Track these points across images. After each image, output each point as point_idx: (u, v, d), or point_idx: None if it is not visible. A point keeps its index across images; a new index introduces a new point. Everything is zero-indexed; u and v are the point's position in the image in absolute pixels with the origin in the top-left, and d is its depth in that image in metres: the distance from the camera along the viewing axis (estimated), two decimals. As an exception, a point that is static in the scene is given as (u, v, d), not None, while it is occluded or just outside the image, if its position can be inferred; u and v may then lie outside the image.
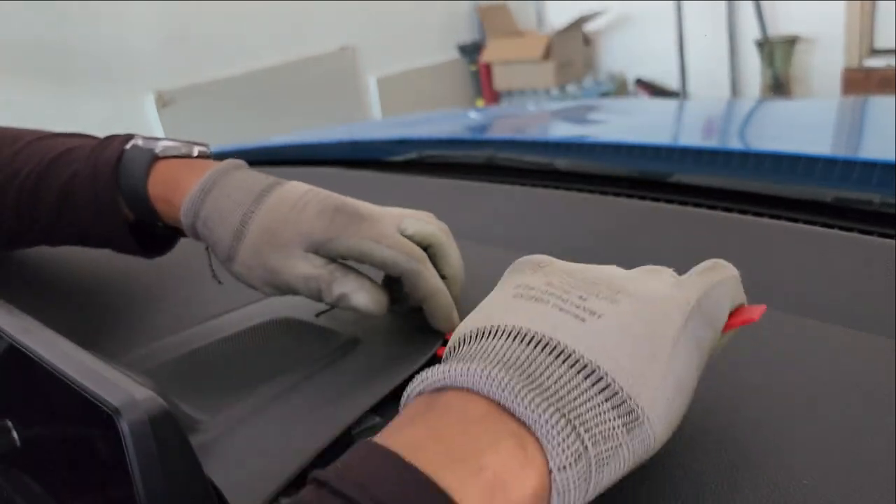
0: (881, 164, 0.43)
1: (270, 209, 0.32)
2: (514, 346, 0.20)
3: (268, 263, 0.31)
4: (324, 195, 0.32)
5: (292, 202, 0.32)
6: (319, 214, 0.31)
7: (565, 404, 0.19)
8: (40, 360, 0.25)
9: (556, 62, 2.87)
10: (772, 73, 2.61)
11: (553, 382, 0.19)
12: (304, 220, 0.31)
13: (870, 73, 2.44)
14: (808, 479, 0.22)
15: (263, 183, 0.33)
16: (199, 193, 0.33)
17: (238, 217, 0.32)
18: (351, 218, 0.31)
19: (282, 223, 0.31)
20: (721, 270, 0.24)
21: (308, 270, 0.31)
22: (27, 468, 0.29)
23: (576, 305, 0.21)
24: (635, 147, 0.56)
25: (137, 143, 0.36)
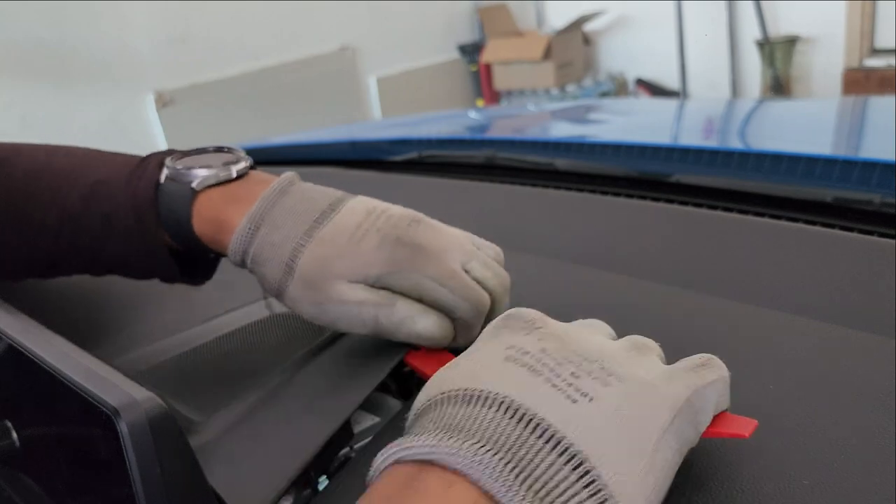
0: (881, 163, 0.43)
1: (323, 241, 0.29)
2: (505, 423, 0.19)
3: (318, 297, 0.29)
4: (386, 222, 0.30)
5: (349, 232, 0.29)
6: (379, 248, 0.29)
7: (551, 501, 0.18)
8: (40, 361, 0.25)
9: (556, 62, 2.87)
10: (772, 73, 2.61)
11: (542, 473, 0.18)
12: (361, 254, 0.29)
13: (870, 73, 2.44)
14: (808, 479, 0.22)
15: (318, 209, 0.31)
16: (246, 233, 0.30)
17: (289, 250, 0.30)
18: (413, 252, 0.29)
19: (335, 257, 0.29)
20: (714, 370, 0.23)
21: (361, 296, 0.29)
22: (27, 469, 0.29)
23: (568, 383, 0.21)
24: (635, 147, 0.56)
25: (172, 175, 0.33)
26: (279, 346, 0.34)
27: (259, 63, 2.51)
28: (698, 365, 0.23)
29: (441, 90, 3.08)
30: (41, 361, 0.24)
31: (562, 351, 0.22)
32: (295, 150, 0.83)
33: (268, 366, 0.32)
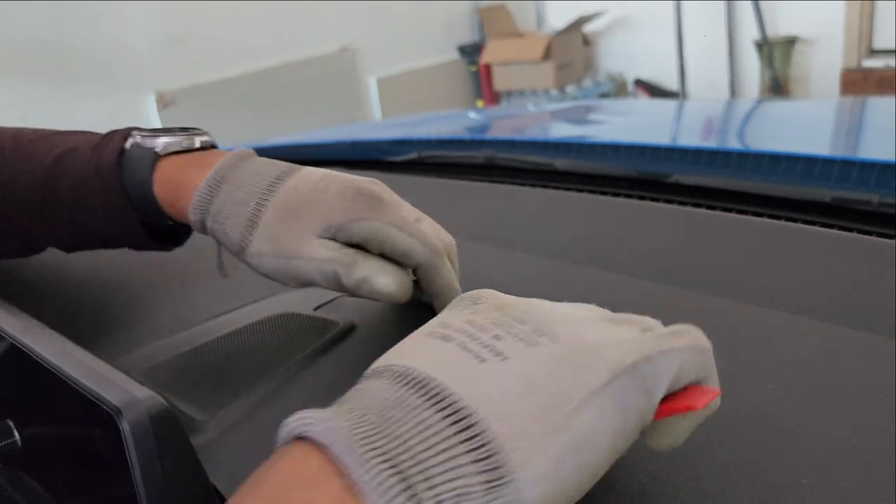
0: (880, 164, 0.44)
1: (288, 192, 0.31)
2: (388, 388, 0.19)
3: (282, 249, 0.30)
4: (345, 177, 0.31)
5: (312, 183, 0.31)
6: (340, 196, 0.30)
7: (411, 457, 0.17)
8: (42, 361, 0.25)
9: (556, 63, 2.87)
10: (771, 74, 2.61)
11: (408, 430, 0.17)
12: (325, 202, 0.30)
13: (868, 74, 2.44)
14: (808, 479, 0.22)
15: (278, 169, 0.32)
16: (207, 190, 0.32)
17: (252, 205, 0.31)
18: (373, 201, 0.30)
19: (300, 206, 0.30)
20: (685, 337, 0.21)
21: (325, 254, 0.29)
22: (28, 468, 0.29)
23: (484, 345, 0.20)
24: (634, 147, 0.56)
25: (137, 142, 0.35)
26: (282, 345, 0.34)
27: (259, 63, 2.51)
28: (668, 333, 0.22)
29: (441, 91, 3.08)
30: (43, 361, 0.24)
31: (492, 319, 0.21)
32: (295, 151, 0.83)
33: (270, 364, 0.32)
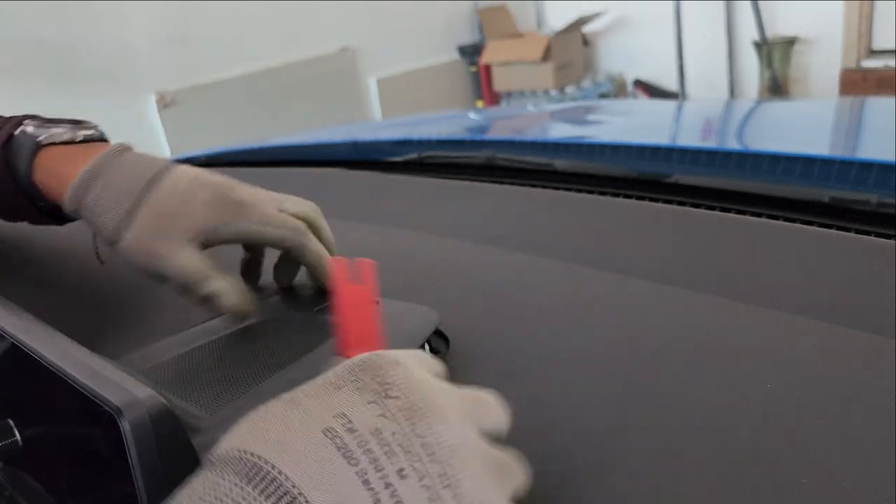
0: (879, 164, 0.44)
1: (162, 197, 0.33)
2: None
3: (151, 250, 0.33)
4: (211, 183, 0.34)
5: (181, 192, 0.34)
6: (207, 204, 0.33)
7: None
8: (42, 360, 0.25)
9: (556, 63, 2.87)
10: (770, 74, 2.61)
11: None
12: (194, 211, 0.33)
13: (867, 74, 2.44)
14: (808, 478, 0.23)
15: (152, 169, 0.34)
16: (81, 184, 0.34)
17: (127, 205, 0.33)
18: (237, 206, 0.34)
19: (171, 212, 0.33)
20: None
21: (188, 263, 0.32)
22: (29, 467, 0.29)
23: (386, 483, 0.17)
24: (634, 148, 0.56)
25: (26, 130, 0.38)
26: (282, 346, 0.34)
27: (260, 64, 2.51)
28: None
29: (441, 91, 3.08)
30: (43, 360, 0.25)
31: (401, 437, 0.18)
32: (296, 151, 0.83)
33: (272, 363, 0.32)
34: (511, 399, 0.29)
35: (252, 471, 0.16)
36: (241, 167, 0.80)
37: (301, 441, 0.17)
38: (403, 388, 0.19)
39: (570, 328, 0.33)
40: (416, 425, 0.18)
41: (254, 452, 0.17)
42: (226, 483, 0.16)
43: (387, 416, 0.18)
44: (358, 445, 0.17)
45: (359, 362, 0.20)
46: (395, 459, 0.17)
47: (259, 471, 0.16)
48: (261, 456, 0.17)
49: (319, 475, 0.16)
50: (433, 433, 0.18)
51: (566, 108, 1.06)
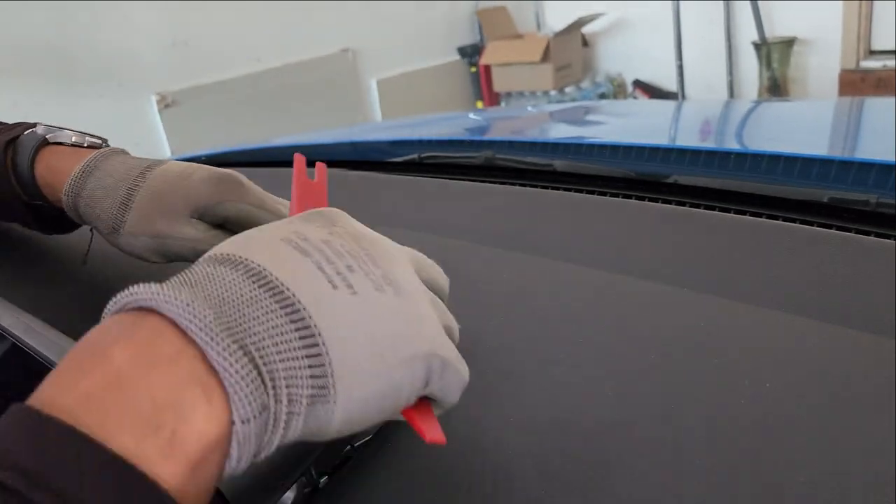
0: (878, 164, 0.44)
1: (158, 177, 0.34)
2: (243, 284, 0.19)
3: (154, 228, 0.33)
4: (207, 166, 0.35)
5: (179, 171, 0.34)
6: (205, 181, 0.34)
7: (263, 357, 0.18)
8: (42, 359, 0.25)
9: (555, 64, 2.88)
10: (769, 75, 2.62)
11: (263, 331, 0.18)
12: (192, 186, 0.33)
13: (866, 75, 2.44)
14: (808, 479, 0.23)
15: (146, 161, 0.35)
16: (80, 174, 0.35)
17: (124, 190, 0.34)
18: (234, 185, 0.34)
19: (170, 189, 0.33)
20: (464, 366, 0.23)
21: (194, 234, 0.33)
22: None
23: (338, 272, 0.20)
24: (633, 148, 0.56)
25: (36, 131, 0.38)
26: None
27: (260, 65, 2.51)
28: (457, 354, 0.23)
29: (441, 92, 3.08)
30: (44, 359, 0.25)
31: (348, 247, 0.22)
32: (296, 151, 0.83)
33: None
34: (511, 399, 0.29)
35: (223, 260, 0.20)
36: (241, 167, 0.80)
37: (263, 245, 0.21)
38: (345, 222, 0.23)
39: (569, 328, 0.34)
40: (361, 242, 0.22)
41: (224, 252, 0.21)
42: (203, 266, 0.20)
43: (334, 235, 0.22)
44: (311, 247, 0.21)
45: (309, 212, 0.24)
46: (343, 259, 0.21)
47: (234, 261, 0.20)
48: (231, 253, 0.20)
49: (280, 262, 0.20)
50: (374, 248, 0.22)
51: (566, 109, 1.06)
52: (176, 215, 0.33)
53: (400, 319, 0.21)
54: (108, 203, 0.34)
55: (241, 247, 0.21)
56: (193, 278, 0.19)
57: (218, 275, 0.19)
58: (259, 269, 0.20)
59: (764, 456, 0.24)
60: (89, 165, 0.35)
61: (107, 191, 0.34)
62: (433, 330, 0.22)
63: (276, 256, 0.20)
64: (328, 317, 0.19)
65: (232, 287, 0.19)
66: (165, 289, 0.18)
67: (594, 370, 0.30)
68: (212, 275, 0.19)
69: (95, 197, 0.34)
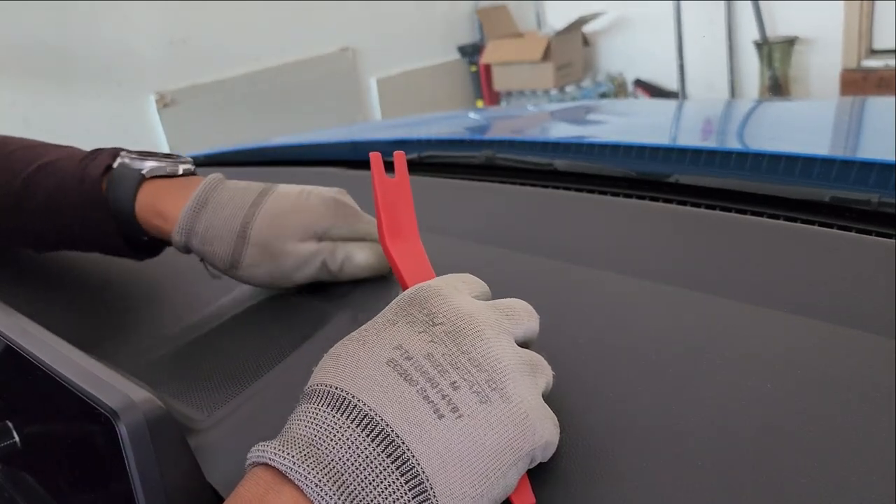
0: (879, 163, 0.43)
1: (275, 201, 0.34)
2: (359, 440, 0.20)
3: (274, 252, 0.33)
4: (322, 189, 0.35)
5: (295, 195, 0.35)
6: (323, 204, 0.35)
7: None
8: (39, 363, 0.25)
9: (556, 63, 2.87)
10: (770, 74, 2.61)
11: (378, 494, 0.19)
12: (310, 209, 0.34)
13: (868, 74, 2.44)
14: (808, 479, 0.22)
15: (257, 189, 0.35)
16: (192, 211, 0.34)
17: (238, 223, 0.34)
18: (349, 209, 0.36)
19: (289, 211, 0.34)
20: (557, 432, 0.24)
21: (311, 247, 0.34)
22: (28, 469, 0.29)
23: (442, 395, 0.21)
24: (634, 147, 0.56)
25: (125, 162, 0.37)
26: (280, 343, 0.34)
27: (260, 64, 2.51)
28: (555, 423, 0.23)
29: (441, 91, 3.08)
30: (41, 363, 0.24)
31: (451, 356, 0.22)
32: (296, 151, 0.83)
33: (268, 363, 0.32)
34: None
35: (337, 401, 0.21)
36: (241, 167, 0.80)
37: (370, 373, 0.21)
38: (446, 314, 0.23)
39: (569, 328, 0.33)
40: (461, 344, 0.22)
41: (336, 385, 0.21)
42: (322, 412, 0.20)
43: (436, 342, 0.22)
44: (416, 369, 0.21)
45: (407, 298, 0.24)
46: (447, 375, 0.21)
47: (342, 400, 0.20)
48: (342, 388, 0.21)
49: (388, 398, 0.20)
50: (476, 349, 0.22)
51: (566, 108, 1.06)
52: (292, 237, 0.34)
53: (507, 427, 0.21)
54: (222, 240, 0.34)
55: (350, 378, 0.21)
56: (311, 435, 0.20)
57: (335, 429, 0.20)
58: (371, 415, 0.20)
59: (764, 456, 0.24)
60: (199, 200, 0.35)
61: (222, 225, 0.34)
62: (540, 424, 0.22)
63: (384, 392, 0.21)
64: (437, 457, 0.20)
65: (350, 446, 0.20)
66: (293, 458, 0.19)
67: (594, 370, 0.30)
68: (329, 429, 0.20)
69: (210, 234, 0.34)
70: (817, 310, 0.32)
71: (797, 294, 0.34)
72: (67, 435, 0.26)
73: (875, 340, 0.29)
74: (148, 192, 0.36)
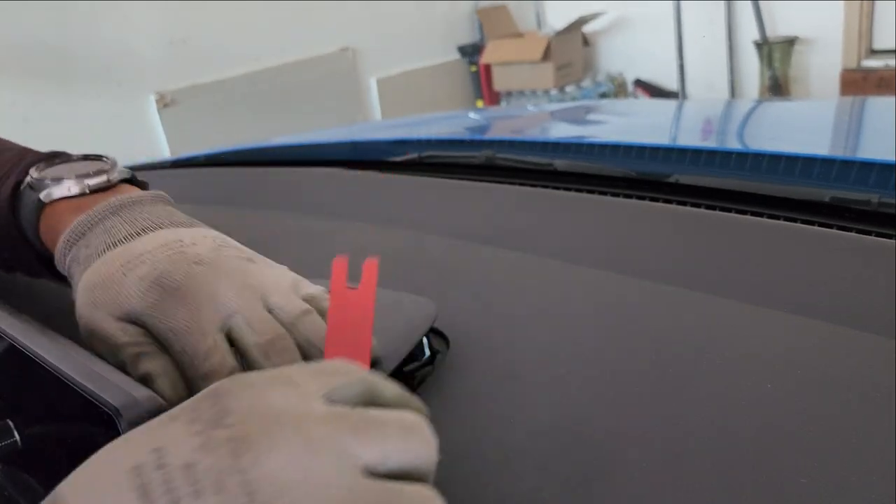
0: (879, 164, 0.44)
1: (102, 262, 0.28)
2: None
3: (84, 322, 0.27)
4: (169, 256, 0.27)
5: (128, 258, 0.28)
6: (140, 280, 0.27)
7: None
8: (41, 361, 0.25)
9: (556, 63, 2.87)
10: (770, 74, 2.61)
11: None
12: (124, 284, 0.27)
13: (868, 74, 2.44)
14: (808, 478, 0.22)
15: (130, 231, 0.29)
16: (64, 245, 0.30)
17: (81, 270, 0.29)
18: (165, 296, 0.26)
19: (103, 283, 0.27)
20: None
21: (119, 338, 0.26)
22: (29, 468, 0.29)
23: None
24: (634, 147, 0.56)
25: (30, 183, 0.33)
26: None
27: (260, 64, 2.51)
28: None
29: (441, 91, 3.08)
30: (42, 361, 0.24)
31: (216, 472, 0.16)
32: (296, 151, 0.83)
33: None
34: (511, 399, 0.29)
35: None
36: (240, 167, 0.80)
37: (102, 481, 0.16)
38: (241, 415, 0.17)
39: (570, 328, 0.33)
40: (241, 459, 0.16)
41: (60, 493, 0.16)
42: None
43: (206, 449, 0.16)
44: (160, 484, 0.16)
45: (210, 388, 0.19)
46: (201, 500, 0.15)
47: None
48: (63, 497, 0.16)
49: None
50: (260, 467, 0.16)
51: (566, 108, 1.06)
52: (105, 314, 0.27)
53: None
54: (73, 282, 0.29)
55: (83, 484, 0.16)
56: None
57: None
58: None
59: (764, 456, 0.24)
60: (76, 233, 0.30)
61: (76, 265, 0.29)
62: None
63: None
64: None
65: None
66: None
67: (595, 370, 0.30)
68: None
69: (70, 271, 0.30)
70: (817, 310, 0.32)
71: (797, 294, 0.34)
72: (69, 433, 0.26)
73: (875, 340, 0.29)
74: (50, 217, 0.32)
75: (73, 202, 0.32)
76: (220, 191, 0.68)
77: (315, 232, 0.52)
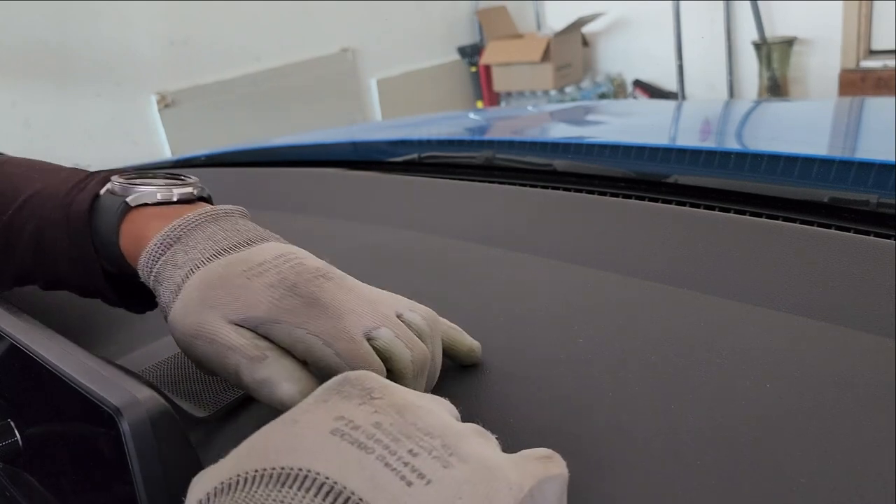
0: (878, 164, 0.44)
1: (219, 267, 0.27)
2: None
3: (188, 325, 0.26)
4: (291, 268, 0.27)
5: (248, 265, 0.27)
6: (269, 288, 0.26)
7: None
8: (42, 361, 0.25)
9: (555, 64, 2.88)
10: (769, 75, 2.62)
11: None
12: (248, 292, 0.26)
13: (867, 75, 2.44)
14: (807, 478, 0.23)
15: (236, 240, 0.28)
16: (156, 249, 0.28)
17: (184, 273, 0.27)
18: (305, 305, 0.25)
19: (224, 284, 0.26)
20: (557, 465, 0.21)
21: (233, 341, 0.25)
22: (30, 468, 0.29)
23: (404, 462, 0.18)
24: (634, 148, 0.56)
25: (113, 189, 0.32)
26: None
27: (260, 65, 2.51)
28: (542, 457, 0.21)
29: (441, 92, 3.08)
30: (43, 361, 0.25)
31: (399, 426, 0.19)
32: (296, 151, 0.83)
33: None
34: (511, 399, 0.29)
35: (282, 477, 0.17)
36: (241, 167, 0.80)
37: (316, 445, 0.18)
38: (382, 390, 0.21)
39: (570, 328, 0.33)
40: (406, 415, 0.20)
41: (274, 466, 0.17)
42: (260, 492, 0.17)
43: (380, 412, 0.20)
44: (367, 437, 0.19)
45: (337, 380, 0.21)
46: (402, 443, 0.19)
47: (289, 475, 0.17)
48: (283, 465, 0.17)
49: (346, 466, 0.18)
50: (421, 419, 0.20)
51: (566, 109, 1.06)
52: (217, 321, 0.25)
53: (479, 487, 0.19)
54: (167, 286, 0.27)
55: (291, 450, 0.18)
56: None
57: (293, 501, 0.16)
58: (330, 484, 0.17)
59: (764, 456, 0.24)
60: (171, 236, 0.28)
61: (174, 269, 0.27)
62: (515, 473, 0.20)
63: (337, 459, 0.18)
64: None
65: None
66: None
67: (595, 370, 0.30)
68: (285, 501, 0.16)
69: (162, 275, 0.28)
70: (817, 310, 0.32)
71: (797, 294, 0.34)
72: (70, 433, 0.26)
73: (875, 340, 0.29)
74: (132, 225, 0.30)
75: (159, 209, 0.31)
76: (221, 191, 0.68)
77: (315, 232, 0.52)
